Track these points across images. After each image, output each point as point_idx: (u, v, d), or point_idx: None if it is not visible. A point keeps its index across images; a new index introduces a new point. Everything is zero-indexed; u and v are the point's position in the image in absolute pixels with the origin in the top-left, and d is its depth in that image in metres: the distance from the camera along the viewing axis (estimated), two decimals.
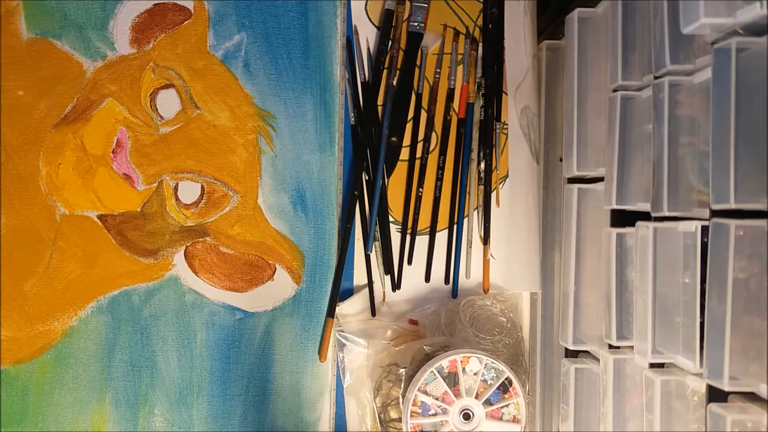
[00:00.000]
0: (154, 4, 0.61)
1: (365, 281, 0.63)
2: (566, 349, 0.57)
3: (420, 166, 0.64)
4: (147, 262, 0.61)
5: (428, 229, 0.64)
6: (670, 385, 0.45)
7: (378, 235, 0.63)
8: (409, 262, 0.64)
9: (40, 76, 0.60)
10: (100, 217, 0.61)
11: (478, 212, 0.64)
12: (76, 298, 0.60)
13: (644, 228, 0.46)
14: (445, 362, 0.57)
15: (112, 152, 0.61)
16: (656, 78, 0.45)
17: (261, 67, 0.62)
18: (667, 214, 0.44)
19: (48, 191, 0.60)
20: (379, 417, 0.62)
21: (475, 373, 0.58)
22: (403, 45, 0.64)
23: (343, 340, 0.62)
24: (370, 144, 0.63)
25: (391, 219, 0.64)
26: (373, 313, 0.63)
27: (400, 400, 0.60)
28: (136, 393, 0.61)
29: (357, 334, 0.62)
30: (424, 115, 0.64)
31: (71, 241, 0.60)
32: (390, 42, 0.63)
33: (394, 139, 0.64)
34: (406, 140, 0.64)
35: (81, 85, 0.60)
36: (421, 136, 0.64)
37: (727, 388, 0.37)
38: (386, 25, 0.63)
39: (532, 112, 0.65)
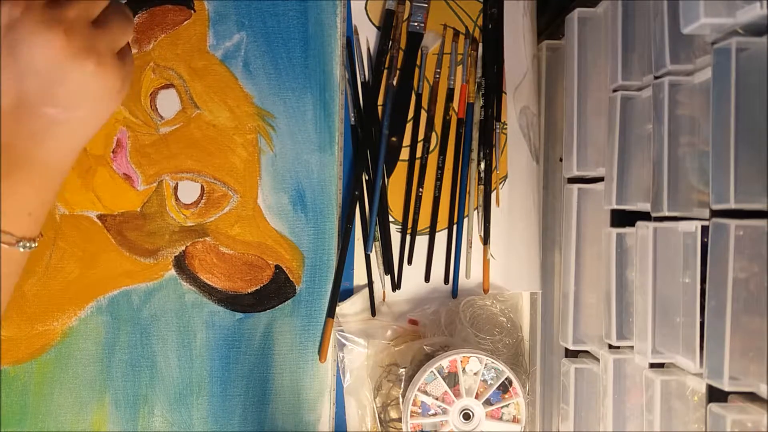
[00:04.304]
0: (155, 5, 0.61)
1: (365, 281, 0.63)
2: (566, 349, 0.57)
3: (420, 166, 0.64)
4: (147, 262, 0.61)
5: (428, 229, 0.64)
6: (670, 385, 0.45)
7: (378, 235, 0.63)
8: (409, 262, 0.64)
9: None
10: (99, 217, 0.61)
11: (478, 212, 0.64)
12: (76, 298, 0.60)
13: (644, 228, 0.46)
14: (445, 362, 0.57)
15: (112, 152, 0.61)
16: (656, 78, 0.45)
17: (261, 66, 0.62)
18: (667, 214, 0.44)
19: None
20: (379, 417, 0.62)
21: (475, 373, 0.58)
22: (403, 45, 0.64)
23: (343, 340, 0.62)
24: (370, 144, 0.63)
25: (391, 219, 0.64)
26: (373, 313, 0.63)
27: (400, 400, 0.60)
28: (136, 393, 0.61)
29: (357, 334, 0.62)
30: (424, 115, 0.64)
31: (71, 241, 0.60)
32: (390, 42, 0.63)
33: (394, 139, 0.64)
34: (406, 140, 0.64)
35: None
36: (421, 136, 0.64)
37: (727, 388, 0.37)
38: (386, 25, 0.63)
39: (531, 112, 0.65)
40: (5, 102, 0.40)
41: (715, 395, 0.39)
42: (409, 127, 0.64)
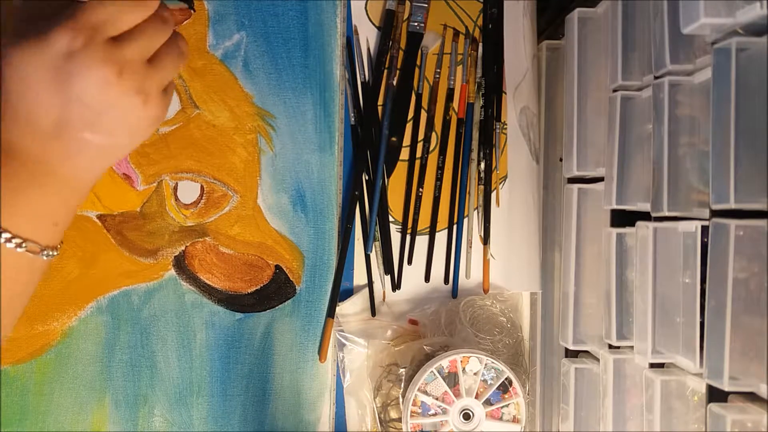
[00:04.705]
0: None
1: (365, 281, 0.63)
2: (566, 349, 0.57)
3: (420, 166, 0.64)
4: (147, 262, 0.61)
5: (428, 229, 0.64)
6: (670, 385, 0.45)
7: (378, 235, 0.63)
8: (409, 262, 0.64)
9: None
10: (99, 217, 0.61)
11: (478, 212, 0.64)
12: (76, 298, 0.60)
13: (644, 228, 0.46)
14: (445, 362, 0.57)
15: None
16: (656, 78, 0.45)
17: (260, 66, 0.62)
18: (667, 214, 0.44)
19: None
20: (379, 417, 0.62)
21: (475, 373, 0.58)
22: (403, 45, 0.64)
23: (343, 340, 0.62)
24: (370, 144, 0.63)
25: (391, 219, 0.64)
26: (373, 313, 0.63)
27: (400, 400, 0.60)
28: (136, 393, 0.61)
29: (357, 334, 0.62)
30: (424, 115, 0.64)
31: (71, 241, 0.60)
32: (390, 42, 0.63)
33: (394, 139, 0.64)
34: (406, 140, 0.64)
35: None
36: (421, 136, 0.64)
37: (727, 388, 0.37)
38: (386, 25, 0.63)
39: (531, 112, 0.65)
40: (45, 122, 0.41)
41: (715, 395, 0.39)
42: (409, 127, 0.64)
